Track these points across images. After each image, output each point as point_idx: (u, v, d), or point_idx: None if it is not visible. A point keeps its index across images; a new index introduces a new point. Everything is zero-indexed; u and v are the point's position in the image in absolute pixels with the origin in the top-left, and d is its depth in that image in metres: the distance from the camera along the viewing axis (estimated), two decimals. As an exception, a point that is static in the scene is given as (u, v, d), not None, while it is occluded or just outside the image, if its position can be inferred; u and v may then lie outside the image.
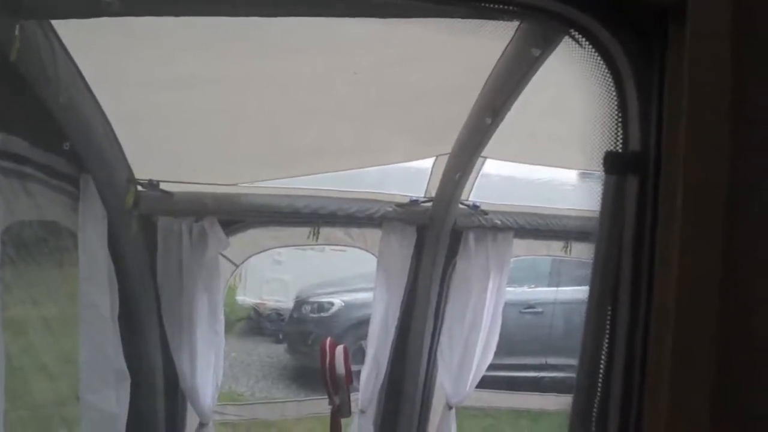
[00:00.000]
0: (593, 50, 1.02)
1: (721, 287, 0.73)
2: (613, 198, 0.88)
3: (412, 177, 4.23)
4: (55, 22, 2.39)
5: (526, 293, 7.07)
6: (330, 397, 3.69)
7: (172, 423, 3.91)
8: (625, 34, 0.85)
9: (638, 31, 0.84)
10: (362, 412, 4.25)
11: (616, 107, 0.92)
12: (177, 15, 2.18)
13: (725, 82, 0.76)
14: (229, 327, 4.46)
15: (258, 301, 8.99)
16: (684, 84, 0.77)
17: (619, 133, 0.91)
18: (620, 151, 0.90)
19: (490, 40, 2.65)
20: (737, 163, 0.74)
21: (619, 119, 0.91)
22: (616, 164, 0.90)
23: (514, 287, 6.28)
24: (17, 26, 2.14)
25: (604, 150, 0.92)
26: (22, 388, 3.31)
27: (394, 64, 2.98)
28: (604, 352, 0.87)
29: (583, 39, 1.00)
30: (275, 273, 8.48)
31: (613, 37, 0.88)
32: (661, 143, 0.80)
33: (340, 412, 3.72)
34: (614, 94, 0.93)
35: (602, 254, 0.89)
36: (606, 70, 0.95)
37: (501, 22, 2.14)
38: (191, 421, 3.93)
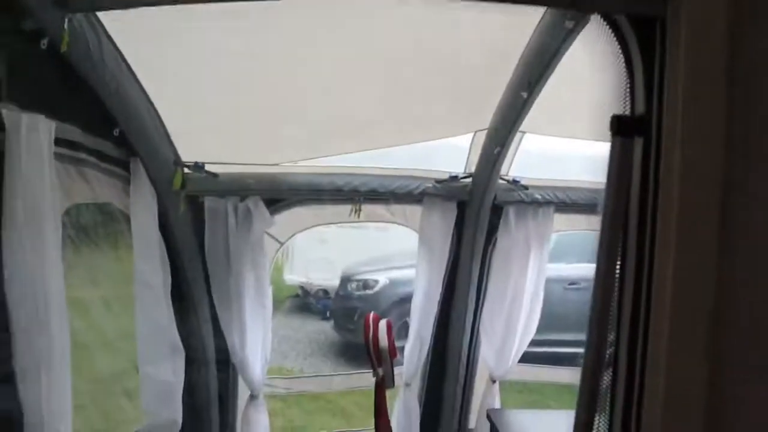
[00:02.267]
0: (607, 26, 1.05)
1: (719, 241, 0.76)
2: (619, 159, 0.91)
3: (451, 153, 4.23)
4: (100, 14, 2.51)
5: (570, 269, 6.99)
6: (374, 369, 3.78)
7: (225, 394, 4.09)
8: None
9: (642, 7, 0.86)
10: (407, 385, 4.34)
11: (624, 76, 0.95)
12: (218, 1, 2.25)
13: (719, 51, 0.79)
14: (277, 305, 4.59)
15: (305, 279, 9.19)
16: (682, 53, 0.80)
17: (626, 99, 0.94)
18: (627, 114, 0.94)
19: (523, 13, 2.65)
20: (733, 120, 0.77)
21: (627, 86, 0.94)
22: (622, 126, 0.93)
23: (559, 263, 6.21)
24: (66, 19, 2.26)
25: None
26: (87, 362, 3.51)
27: (429, 40, 3.00)
28: (611, 317, 0.91)
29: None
30: (321, 252, 8.63)
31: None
32: (663, 107, 0.83)
33: (383, 383, 3.82)
34: (623, 64, 0.96)
35: (610, 212, 0.92)
36: (615, 43, 0.98)
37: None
38: (242, 393, 4.10)
